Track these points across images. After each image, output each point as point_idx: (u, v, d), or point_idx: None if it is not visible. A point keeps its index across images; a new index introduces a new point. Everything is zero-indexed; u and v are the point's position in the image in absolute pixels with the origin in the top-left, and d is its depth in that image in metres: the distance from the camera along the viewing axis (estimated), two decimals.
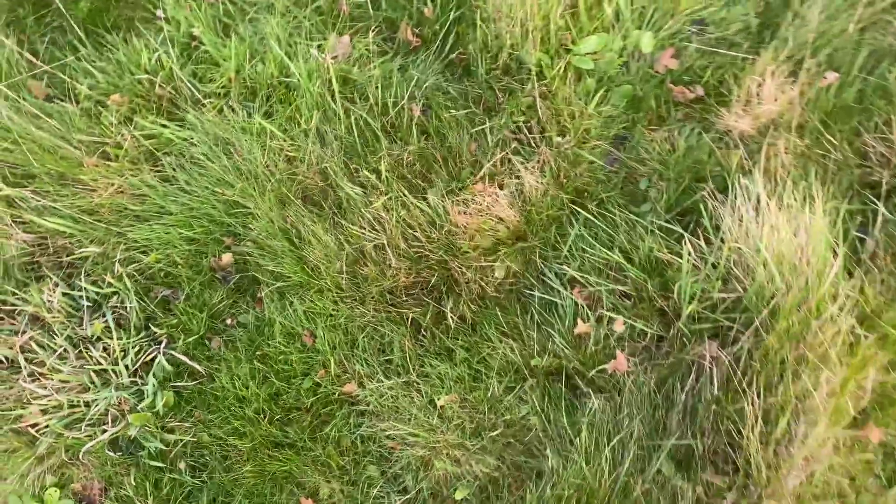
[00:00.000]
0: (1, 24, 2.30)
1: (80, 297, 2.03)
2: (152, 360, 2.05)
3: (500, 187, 2.07)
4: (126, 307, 2.06)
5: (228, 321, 2.11)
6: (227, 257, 2.14)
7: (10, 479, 2.01)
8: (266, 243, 2.07)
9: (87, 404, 2.00)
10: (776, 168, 1.90)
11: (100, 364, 1.99)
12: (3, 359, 2.00)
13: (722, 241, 1.79)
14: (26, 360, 1.98)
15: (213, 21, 2.34)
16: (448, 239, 2.01)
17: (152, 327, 2.06)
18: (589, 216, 2.02)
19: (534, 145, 2.10)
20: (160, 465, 2.00)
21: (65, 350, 1.98)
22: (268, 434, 1.96)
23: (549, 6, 2.05)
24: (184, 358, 2.04)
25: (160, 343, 2.06)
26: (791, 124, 1.93)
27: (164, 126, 2.18)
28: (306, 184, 2.11)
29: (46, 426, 1.98)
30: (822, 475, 1.56)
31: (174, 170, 2.14)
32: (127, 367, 2.02)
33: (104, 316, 2.05)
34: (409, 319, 2.00)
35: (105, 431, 1.98)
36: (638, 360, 1.84)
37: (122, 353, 2.01)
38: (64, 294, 2.03)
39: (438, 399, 1.92)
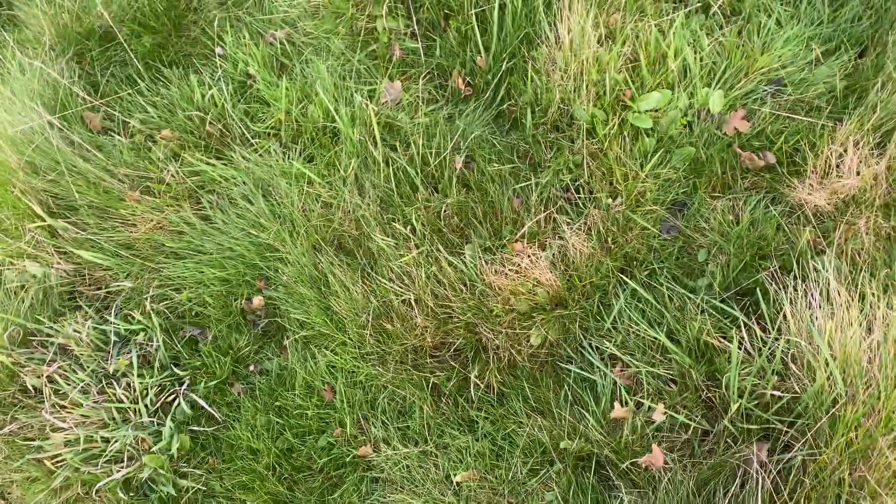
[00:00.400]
0: (69, 56, 2.36)
1: (110, 331, 2.02)
2: (173, 400, 2.01)
3: (542, 248, 1.93)
4: (153, 345, 2.04)
5: (252, 367, 2.05)
6: (258, 300, 2.09)
7: None
8: (295, 289, 2.01)
9: (106, 440, 1.98)
10: (853, 251, 1.67)
11: (121, 402, 1.96)
12: (31, 387, 2.01)
13: (780, 330, 1.58)
14: (52, 390, 1.99)
15: (270, 60, 2.33)
16: (480, 300, 1.88)
17: (176, 368, 2.02)
18: (637, 287, 1.84)
19: (582, 206, 1.95)
20: None
21: (88, 384, 1.97)
22: (275, 492, 1.87)
23: (607, 59, 1.91)
24: (203, 403, 1.99)
25: (182, 384, 2.02)
26: (875, 202, 1.70)
27: (209, 164, 2.17)
28: (340, 231, 2.04)
29: (64, 459, 1.97)
30: None
31: (213, 209, 2.11)
32: (147, 406, 1.98)
33: (130, 352, 2.03)
34: (431, 384, 1.88)
35: (120, 470, 1.94)
36: (677, 455, 1.64)
37: (144, 392, 1.99)
38: (94, 327, 2.03)
39: (455, 474, 1.78)
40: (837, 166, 1.76)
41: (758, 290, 1.69)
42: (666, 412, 1.66)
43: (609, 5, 2.02)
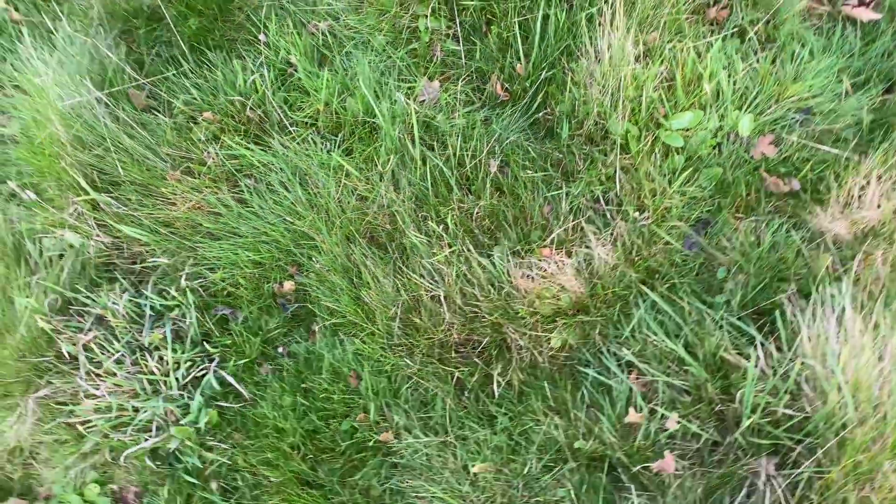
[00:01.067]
0: (115, 33, 2.41)
1: (145, 305, 2.09)
2: (202, 376, 2.08)
3: (568, 255, 2.01)
4: (186, 321, 2.11)
5: (280, 349, 2.12)
6: (288, 285, 2.16)
7: (57, 469, 2.09)
8: (327, 278, 2.08)
9: (136, 409, 2.05)
10: (869, 281, 1.75)
11: (153, 374, 2.04)
12: (67, 353, 2.08)
13: (795, 352, 1.66)
14: (87, 358, 2.06)
15: (311, 50, 2.39)
16: (506, 301, 1.96)
17: (207, 345, 2.10)
18: (657, 299, 1.92)
19: (609, 217, 2.02)
20: (194, 481, 2.03)
21: (122, 355, 2.04)
22: (299, 471, 1.95)
23: (644, 77, 1.98)
24: (231, 380, 2.07)
25: (212, 361, 2.10)
26: (894, 235, 1.78)
27: (248, 149, 2.23)
28: (374, 224, 2.11)
29: (94, 424, 2.04)
30: None
31: (251, 193, 2.18)
32: (178, 379, 2.06)
33: (164, 326, 2.10)
34: (455, 378, 1.96)
35: (148, 440, 2.02)
36: (688, 463, 1.73)
37: (176, 366, 2.06)
38: (130, 300, 2.10)
39: (473, 465, 1.87)
40: (859, 197, 1.83)
41: (777, 311, 1.76)
42: (679, 421, 1.75)
43: (648, 24, 2.08)
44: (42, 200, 2.09)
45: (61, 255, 2.17)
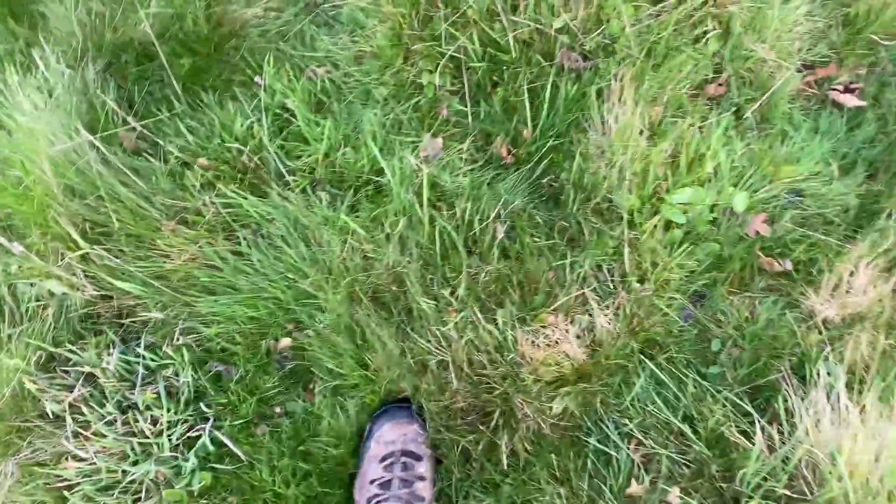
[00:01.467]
0: (101, 67, 2.30)
1: (137, 363, 2.01)
2: (196, 436, 2.02)
3: (571, 322, 2.05)
4: (180, 379, 2.04)
5: (277, 409, 2.08)
6: (285, 341, 2.12)
7: None
8: (329, 338, 2.05)
9: (125, 471, 1.97)
10: (858, 363, 1.87)
11: (145, 435, 1.96)
12: (51, 412, 1.98)
13: (792, 433, 1.75)
14: (73, 418, 1.96)
15: (308, 95, 2.35)
16: (514, 369, 1.98)
17: (203, 406, 2.03)
18: (655, 370, 1.99)
19: (612, 287, 2.08)
20: None
21: (113, 417, 1.96)
22: None
23: (651, 156, 2.04)
24: (227, 441, 2.01)
25: (207, 420, 2.04)
26: (879, 321, 1.90)
27: (245, 198, 2.17)
28: (378, 284, 2.09)
29: (80, 488, 1.95)
30: None
31: (249, 246, 2.12)
32: (170, 440, 1.99)
33: (156, 384, 2.02)
34: (460, 446, 1.98)
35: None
36: None
37: (169, 426, 1.99)
38: (121, 357, 2.01)
39: None
40: (849, 283, 1.95)
41: (773, 391, 1.86)
42: (681, 497, 1.82)
43: (652, 99, 2.15)
44: (28, 250, 1.97)
45: (44, 307, 2.06)
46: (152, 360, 2.04)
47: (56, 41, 2.34)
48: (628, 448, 1.93)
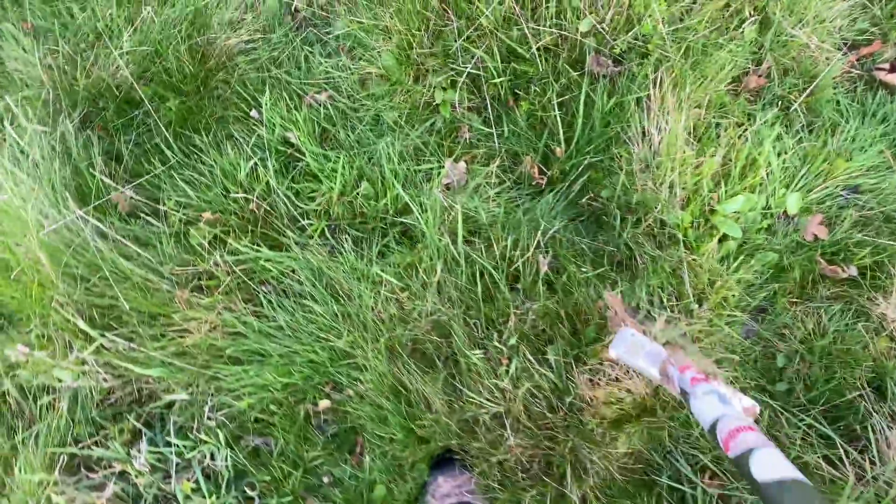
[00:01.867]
0: (76, 119, 2.05)
1: (170, 451, 1.85)
2: None
3: None
4: (216, 462, 1.88)
5: (325, 479, 1.94)
6: (324, 403, 1.97)
7: None
8: (374, 400, 1.90)
9: None
10: None
11: None
12: None
13: (881, 458, 1.66)
14: None
15: (312, 126, 2.13)
16: (577, 415, 1.85)
17: (247, 488, 1.88)
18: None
19: (669, 311, 1.94)
20: None
21: None
22: None
23: (701, 167, 1.87)
24: None
25: (252, 501, 1.89)
26: None
27: (258, 251, 1.98)
28: (416, 335, 1.93)
29: None
30: None
31: (273, 308, 1.94)
32: None
33: (192, 470, 1.87)
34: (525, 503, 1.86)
35: None
36: None
37: None
38: (150, 450, 1.85)
39: None
40: None
41: (850, 408, 1.75)
42: None
43: (696, 105, 1.97)
44: (31, 346, 1.77)
45: (57, 399, 1.87)
46: (184, 446, 1.88)
47: (18, 89, 2.08)
48: (702, 482, 1.83)
